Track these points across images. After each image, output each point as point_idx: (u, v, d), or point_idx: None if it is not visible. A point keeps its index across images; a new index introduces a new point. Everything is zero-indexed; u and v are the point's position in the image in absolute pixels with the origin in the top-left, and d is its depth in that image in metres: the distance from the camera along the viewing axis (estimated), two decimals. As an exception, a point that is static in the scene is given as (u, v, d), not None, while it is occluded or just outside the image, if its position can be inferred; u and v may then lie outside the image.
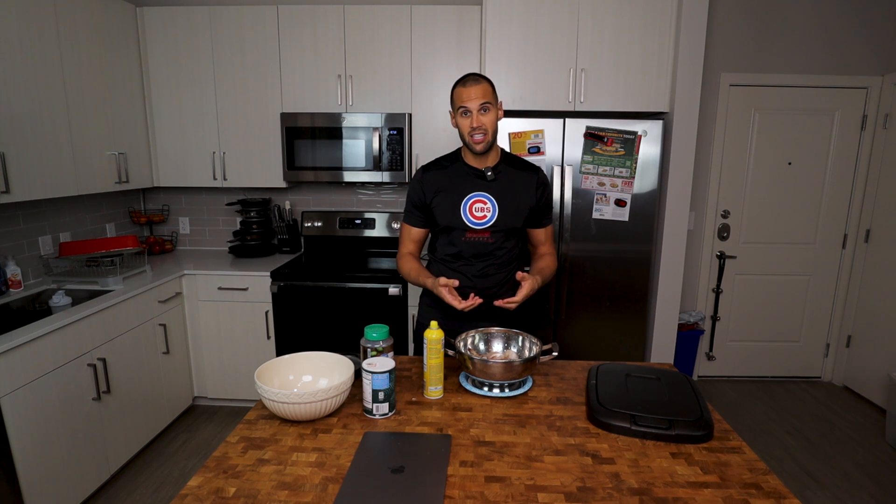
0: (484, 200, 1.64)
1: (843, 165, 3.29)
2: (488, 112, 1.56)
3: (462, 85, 1.56)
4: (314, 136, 2.91)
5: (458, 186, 1.65)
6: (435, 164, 1.72)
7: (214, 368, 2.95)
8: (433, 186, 1.67)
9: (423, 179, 1.69)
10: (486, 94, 1.55)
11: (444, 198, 1.65)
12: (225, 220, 3.44)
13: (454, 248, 1.68)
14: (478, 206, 1.64)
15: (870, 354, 3.24)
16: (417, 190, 1.69)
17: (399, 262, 1.76)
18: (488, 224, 1.64)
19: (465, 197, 1.64)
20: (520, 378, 1.40)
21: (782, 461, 2.60)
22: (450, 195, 1.65)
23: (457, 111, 1.58)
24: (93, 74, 2.57)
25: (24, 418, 1.84)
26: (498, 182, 1.66)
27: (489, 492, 0.99)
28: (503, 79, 2.61)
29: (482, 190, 1.64)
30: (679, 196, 2.69)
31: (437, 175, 1.68)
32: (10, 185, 2.09)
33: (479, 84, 1.55)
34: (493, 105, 1.57)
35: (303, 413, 1.20)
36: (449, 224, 1.66)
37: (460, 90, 1.56)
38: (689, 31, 2.53)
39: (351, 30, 2.86)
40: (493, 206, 1.64)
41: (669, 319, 2.79)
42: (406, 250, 1.75)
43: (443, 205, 1.65)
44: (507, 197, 1.65)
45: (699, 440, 1.17)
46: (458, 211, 1.64)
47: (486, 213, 1.64)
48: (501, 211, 1.64)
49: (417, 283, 1.68)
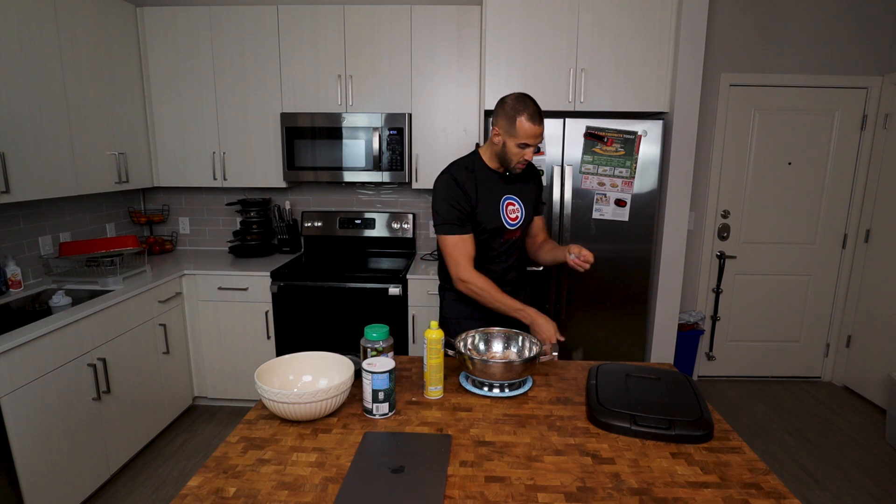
0: (514, 202, 1.71)
1: (843, 165, 3.29)
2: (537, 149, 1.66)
3: (531, 120, 1.57)
4: (314, 136, 2.91)
5: (493, 189, 1.68)
6: (459, 168, 1.68)
7: (214, 368, 2.95)
8: (472, 190, 1.65)
9: (461, 182, 1.63)
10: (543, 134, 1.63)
11: (486, 201, 1.66)
12: (225, 220, 3.44)
13: (492, 251, 1.71)
14: (511, 209, 1.69)
15: (870, 354, 3.24)
16: (460, 196, 1.62)
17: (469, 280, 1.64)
18: (520, 223, 1.72)
19: (501, 199, 1.68)
20: (520, 378, 1.40)
21: (782, 461, 2.60)
22: (489, 198, 1.67)
23: (514, 140, 1.59)
24: (93, 74, 2.57)
25: (24, 418, 1.84)
26: (516, 184, 1.74)
27: (489, 492, 0.99)
28: (503, 79, 2.61)
29: (510, 192, 1.71)
30: (679, 196, 2.69)
31: (469, 178, 1.66)
32: (10, 185, 2.09)
33: (542, 126, 1.60)
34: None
35: (303, 413, 1.20)
36: (493, 227, 1.67)
37: (529, 126, 1.57)
38: (689, 31, 2.53)
39: (351, 30, 2.86)
40: (520, 206, 1.72)
41: (669, 319, 2.80)
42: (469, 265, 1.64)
43: (486, 208, 1.66)
44: (525, 196, 1.74)
45: (699, 440, 1.17)
46: (499, 213, 1.67)
47: (517, 214, 1.71)
48: (525, 210, 1.73)
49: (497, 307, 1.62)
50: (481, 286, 1.64)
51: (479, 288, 1.64)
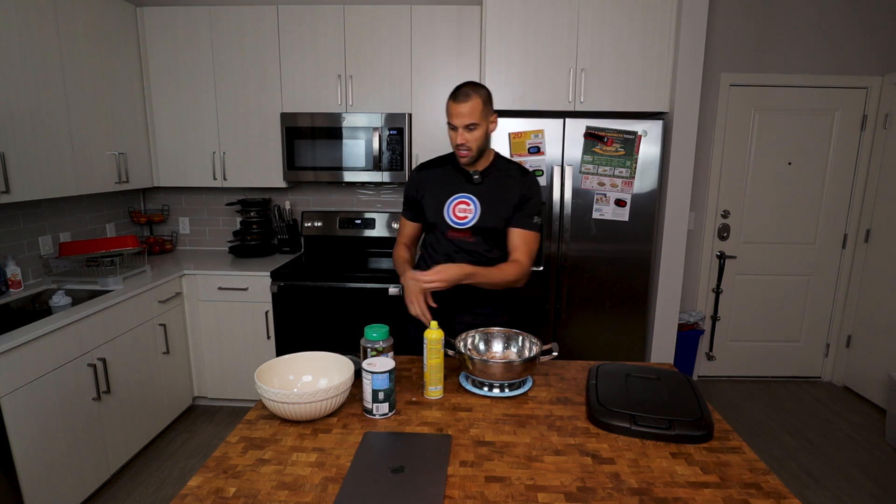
0: (467, 202, 1.70)
1: (843, 165, 3.29)
2: (474, 130, 1.58)
3: (454, 100, 1.58)
4: (314, 136, 2.91)
5: (446, 187, 1.73)
6: (430, 163, 1.82)
7: (214, 368, 2.95)
8: (424, 184, 1.77)
9: (416, 177, 1.80)
10: (474, 114, 1.56)
11: (432, 196, 1.74)
12: (225, 220, 3.44)
13: (441, 246, 1.76)
14: (461, 207, 1.70)
15: (870, 354, 3.24)
16: (410, 186, 1.81)
17: (393, 252, 1.85)
18: (469, 224, 1.69)
19: (451, 197, 1.72)
20: (520, 378, 1.40)
21: (782, 461, 2.60)
22: (437, 194, 1.74)
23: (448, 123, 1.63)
24: (93, 74, 2.57)
25: (24, 418, 1.84)
26: (485, 185, 1.70)
27: (489, 492, 0.99)
28: (503, 79, 2.62)
29: (467, 192, 1.70)
30: (679, 196, 2.69)
31: (429, 174, 1.78)
32: (10, 185, 2.08)
33: (468, 101, 1.55)
34: (480, 123, 1.58)
35: (303, 413, 1.20)
36: (434, 221, 1.74)
37: (451, 105, 1.59)
38: (689, 31, 2.53)
39: (351, 30, 2.86)
40: (475, 208, 1.69)
41: (669, 319, 2.79)
42: (401, 241, 1.85)
43: (430, 203, 1.74)
44: (492, 199, 1.68)
45: (699, 440, 1.17)
46: (443, 210, 1.72)
47: (468, 215, 1.69)
48: (483, 213, 1.68)
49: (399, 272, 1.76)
50: (395, 254, 1.80)
51: (394, 256, 1.81)
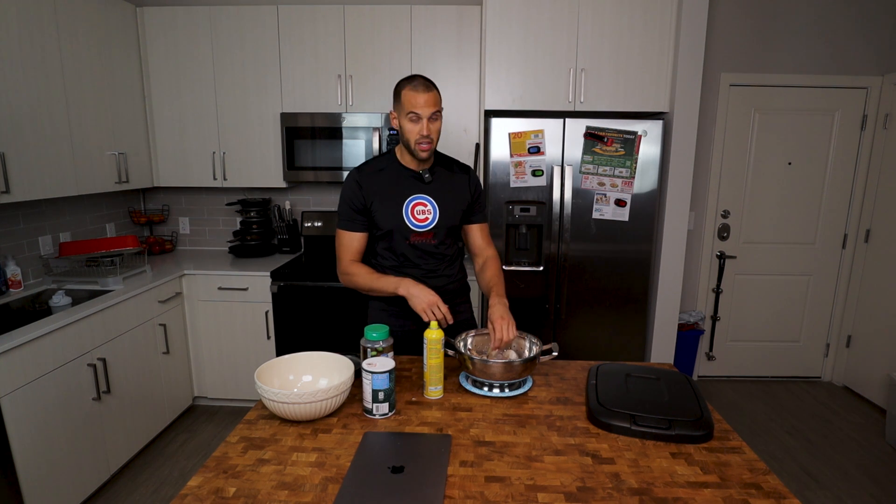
0: (424, 203, 1.62)
1: (843, 165, 3.29)
2: (436, 121, 1.54)
3: (413, 89, 1.50)
4: (314, 136, 2.91)
5: (398, 189, 1.61)
6: (369, 166, 1.65)
7: (214, 368, 2.95)
8: (372, 189, 1.59)
9: (361, 181, 1.60)
10: (438, 103, 1.52)
11: (385, 201, 1.60)
12: (225, 220, 3.44)
13: (398, 253, 1.63)
14: (419, 209, 1.61)
15: (870, 354, 3.24)
16: (356, 192, 1.59)
17: (348, 272, 1.62)
18: (430, 226, 1.62)
19: (406, 199, 1.60)
20: (520, 378, 1.40)
21: (782, 461, 2.60)
22: (390, 198, 1.60)
23: (404, 115, 1.52)
24: (93, 74, 2.57)
25: (24, 418, 1.84)
26: (435, 183, 1.64)
27: (489, 492, 0.99)
28: (503, 79, 2.62)
29: (421, 192, 1.62)
30: (679, 196, 2.69)
31: (374, 177, 1.61)
32: (10, 185, 2.08)
33: (430, 91, 1.51)
34: (440, 113, 1.55)
35: (303, 413, 1.20)
36: (391, 228, 1.60)
37: (412, 94, 1.49)
38: (689, 31, 2.53)
39: (351, 30, 2.86)
40: (433, 208, 1.62)
41: (669, 319, 2.80)
42: (349, 258, 1.63)
43: (383, 209, 1.59)
44: (445, 198, 1.64)
45: (699, 440, 1.17)
46: (401, 214, 1.60)
47: (428, 216, 1.62)
48: (441, 212, 1.63)
49: (377, 290, 1.58)
50: (356, 272, 1.60)
51: (356, 274, 1.60)
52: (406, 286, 1.52)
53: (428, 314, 1.47)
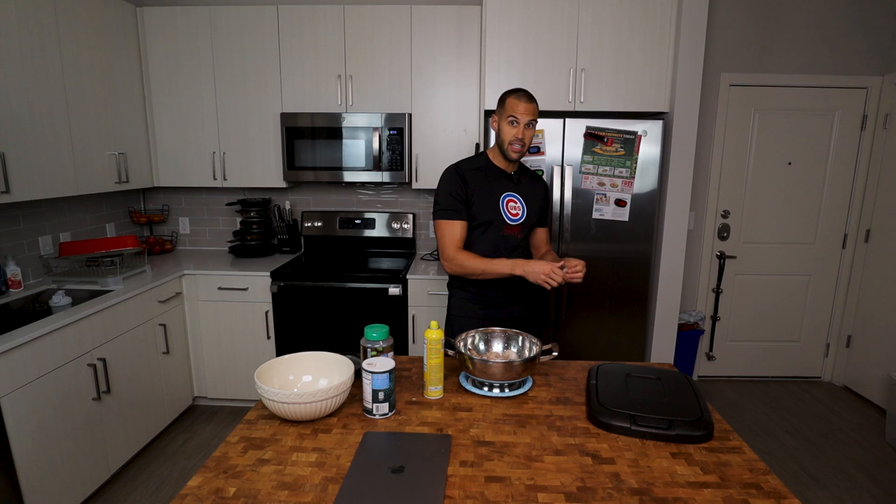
0: (515, 200, 1.81)
1: (843, 165, 3.29)
2: (531, 128, 1.73)
3: (517, 98, 1.70)
4: (314, 136, 2.91)
5: (494, 185, 1.79)
6: (465, 164, 1.82)
7: (214, 368, 2.95)
8: (472, 182, 1.77)
9: (463, 175, 1.77)
10: (535, 113, 1.72)
11: (484, 195, 1.77)
12: (225, 220, 3.44)
13: (491, 244, 1.79)
14: (511, 205, 1.80)
15: (870, 354, 3.24)
16: (459, 184, 1.76)
17: (455, 258, 1.74)
18: (521, 220, 1.81)
19: (502, 195, 1.79)
20: (520, 378, 1.40)
21: (782, 461, 2.60)
22: (488, 193, 1.77)
23: (505, 118, 1.72)
24: (93, 74, 2.57)
25: (24, 418, 1.84)
26: (521, 185, 1.85)
27: (489, 492, 0.99)
28: (503, 79, 2.61)
29: (513, 191, 1.81)
30: (679, 196, 2.69)
31: (473, 173, 1.79)
32: (10, 185, 2.08)
33: (531, 103, 1.71)
34: (535, 123, 1.75)
35: (303, 413, 1.20)
36: (489, 219, 1.77)
37: (515, 102, 1.70)
38: (689, 31, 2.53)
39: (351, 30, 2.86)
40: (522, 205, 1.82)
41: (669, 319, 2.79)
42: (455, 246, 1.75)
43: (482, 201, 1.76)
44: (529, 198, 1.85)
45: (699, 440, 1.17)
46: (498, 207, 1.77)
47: (519, 211, 1.81)
48: (528, 210, 1.83)
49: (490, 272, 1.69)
50: (465, 258, 1.73)
51: (465, 260, 1.72)
52: (521, 265, 1.65)
53: (550, 282, 1.58)
